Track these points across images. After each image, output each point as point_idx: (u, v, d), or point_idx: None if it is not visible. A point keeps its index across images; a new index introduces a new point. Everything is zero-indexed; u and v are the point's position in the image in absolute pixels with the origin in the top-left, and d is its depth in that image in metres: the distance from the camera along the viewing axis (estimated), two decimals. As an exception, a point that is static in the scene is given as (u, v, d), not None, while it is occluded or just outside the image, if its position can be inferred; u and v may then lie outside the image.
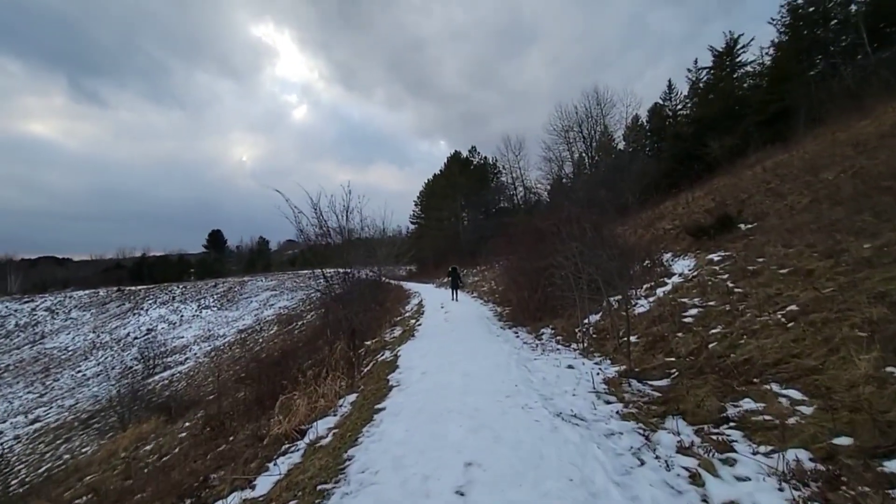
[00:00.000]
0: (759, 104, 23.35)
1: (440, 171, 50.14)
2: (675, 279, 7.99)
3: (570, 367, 5.36)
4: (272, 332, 33.77)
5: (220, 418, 6.02)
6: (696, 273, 7.76)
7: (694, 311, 5.81)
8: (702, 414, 3.36)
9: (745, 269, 6.53)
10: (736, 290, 5.87)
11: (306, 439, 3.63)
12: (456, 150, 48.34)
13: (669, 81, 32.73)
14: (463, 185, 43.64)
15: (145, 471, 6.16)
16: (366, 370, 6.22)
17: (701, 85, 26.76)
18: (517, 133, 57.40)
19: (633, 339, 5.58)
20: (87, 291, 63.79)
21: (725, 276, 6.78)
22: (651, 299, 7.37)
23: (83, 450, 17.54)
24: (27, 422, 28.12)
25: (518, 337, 7.82)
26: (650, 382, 4.42)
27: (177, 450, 6.40)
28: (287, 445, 3.63)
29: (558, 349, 6.57)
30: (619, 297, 7.33)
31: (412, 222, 54.75)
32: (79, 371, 39.34)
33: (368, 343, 9.31)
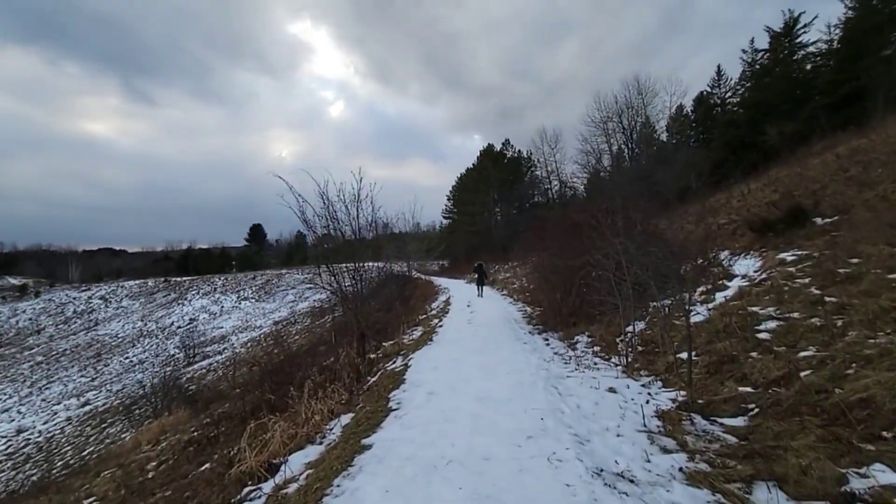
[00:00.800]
0: (827, 86, 20.85)
1: (473, 164, 49.05)
2: (738, 282, 6.75)
3: (611, 390, 4.37)
4: (305, 324, 34.16)
5: (213, 430, 5.49)
6: (764, 275, 6.50)
7: (771, 325, 4.65)
8: (810, 484, 2.34)
9: (835, 273, 5.27)
10: (828, 298, 4.66)
11: (274, 480, 2.91)
12: (489, 143, 47.08)
13: (718, 67, 30.62)
14: (496, 179, 42.41)
15: (139, 480, 5.73)
16: (372, 381, 5.48)
17: (757, 67, 24.29)
18: (553, 126, 55.38)
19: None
20: (137, 281, 67.44)
21: (806, 281, 5.53)
22: (709, 306, 6.19)
23: (122, 435, 18.06)
24: (79, 404, 29.68)
25: (548, 345, 6.85)
26: (720, 420, 3.39)
27: (171, 461, 5.94)
28: (250, 488, 2.93)
29: (596, 364, 5.56)
30: (670, 301, 6.23)
31: (444, 217, 54.14)
32: (126, 357, 41.38)
33: (386, 344, 8.61)
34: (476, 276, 17.23)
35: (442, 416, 3.57)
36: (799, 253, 6.73)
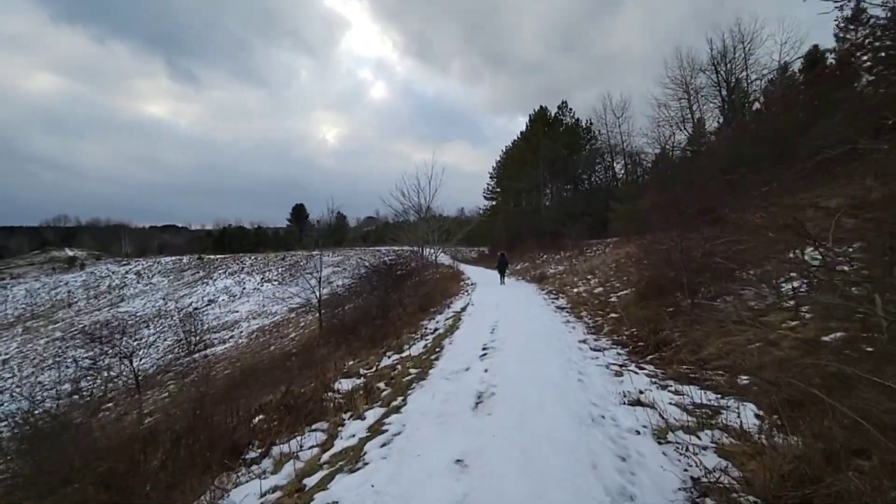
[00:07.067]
0: None
1: (521, 133, 41.43)
2: None
3: None
4: (317, 316, 29.21)
5: None
6: None
7: None
8: None
9: None
10: None
11: None
12: (542, 106, 38.97)
13: (858, 2, 21.39)
14: (548, 150, 34.66)
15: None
16: None
17: None
18: (622, 92, 45.57)
19: None
20: (172, 258, 66.54)
21: None
22: None
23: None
24: (69, 391, 26.30)
25: None
26: None
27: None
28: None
29: None
30: None
31: (486, 198, 47.22)
32: (135, 339, 38.48)
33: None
34: (498, 265, 18.39)
35: None
36: None
